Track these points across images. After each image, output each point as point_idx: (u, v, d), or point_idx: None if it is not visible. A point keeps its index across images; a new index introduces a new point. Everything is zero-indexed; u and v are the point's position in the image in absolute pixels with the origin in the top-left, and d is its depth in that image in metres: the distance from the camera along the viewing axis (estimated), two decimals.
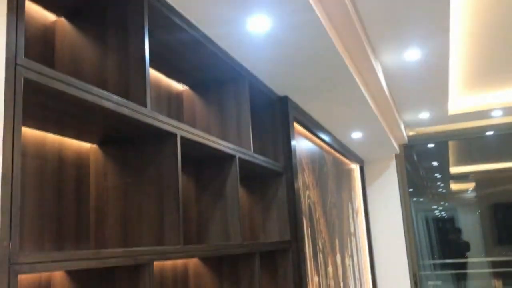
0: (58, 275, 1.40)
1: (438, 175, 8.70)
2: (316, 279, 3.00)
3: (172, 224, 1.54)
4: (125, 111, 1.32)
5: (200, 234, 2.05)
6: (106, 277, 1.37)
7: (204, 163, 2.09)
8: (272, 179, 2.64)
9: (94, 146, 1.64)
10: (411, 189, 5.86)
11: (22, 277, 1.32)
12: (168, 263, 2.00)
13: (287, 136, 2.69)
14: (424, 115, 4.32)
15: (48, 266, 1.00)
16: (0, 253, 0.89)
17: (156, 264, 1.91)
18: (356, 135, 3.90)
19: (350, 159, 4.60)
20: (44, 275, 1.39)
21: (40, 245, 1.38)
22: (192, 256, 1.62)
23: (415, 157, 6.19)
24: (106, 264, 1.17)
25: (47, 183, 1.44)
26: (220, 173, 2.06)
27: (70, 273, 1.39)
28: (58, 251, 1.08)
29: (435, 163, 7.56)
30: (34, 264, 0.96)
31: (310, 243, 3.00)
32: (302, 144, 3.16)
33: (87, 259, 1.12)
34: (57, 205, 1.47)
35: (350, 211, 4.45)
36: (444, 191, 10.13)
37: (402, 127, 4.45)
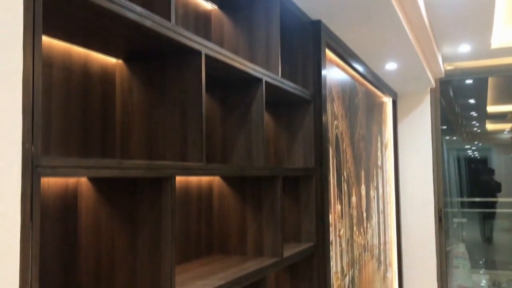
0: (84, 185, 1.45)
1: (474, 114, 8.44)
2: (338, 207, 3.03)
3: (195, 142, 1.56)
4: (148, 24, 1.29)
5: (224, 156, 2.07)
6: (129, 190, 1.41)
7: (230, 86, 2.07)
8: (299, 106, 2.61)
9: (120, 61, 1.64)
10: (444, 127, 5.74)
11: (49, 184, 1.37)
12: (193, 182, 2.05)
13: (318, 63, 2.62)
14: (465, 48, 4.12)
15: (71, 171, 1.03)
16: (23, 155, 0.92)
17: (181, 182, 1.96)
18: (391, 66, 3.78)
19: (383, 92, 4.49)
20: (71, 184, 1.44)
21: (66, 155, 1.43)
22: (214, 174, 1.64)
23: (451, 93, 5.99)
24: (128, 174, 1.20)
25: (73, 96, 1.46)
26: (246, 96, 2.04)
27: (95, 184, 1.44)
28: (82, 158, 1.11)
29: (472, 101, 7.31)
30: (57, 168, 0.99)
31: (335, 172, 3.01)
32: (334, 72, 3.08)
33: (110, 168, 1.15)
34: (83, 118, 1.49)
35: (379, 144, 4.41)
36: (479, 130, 9.88)
37: (440, 60, 4.27)
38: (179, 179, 1.94)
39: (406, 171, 4.96)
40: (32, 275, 0.93)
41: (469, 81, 5.65)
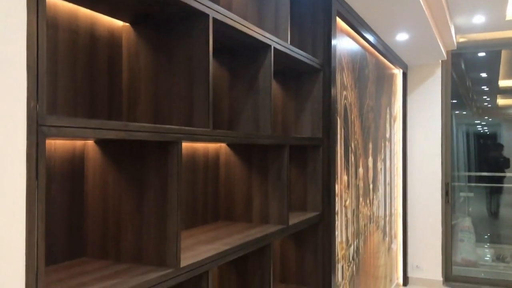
0: (91, 148, 1.45)
1: (485, 88, 8.31)
2: (345, 178, 3.03)
3: (201, 108, 1.55)
4: None
5: (231, 124, 2.06)
6: (136, 154, 1.41)
7: (238, 53, 2.04)
8: (308, 75, 2.58)
9: (127, 25, 1.62)
10: (454, 100, 5.67)
11: (56, 146, 1.37)
12: (200, 149, 2.05)
13: (328, 31, 2.57)
14: (479, 19, 4.02)
15: (77, 131, 1.02)
16: (28, 114, 0.91)
17: (188, 149, 1.96)
18: (402, 36, 3.71)
19: (393, 63, 4.42)
20: (77, 147, 1.44)
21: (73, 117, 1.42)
22: (220, 141, 1.63)
23: (462, 66, 5.89)
24: (134, 137, 1.20)
25: (80, 59, 1.45)
26: (254, 64, 2.02)
27: (102, 147, 1.44)
28: (88, 119, 1.10)
29: (483, 74, 7.19)
30: (62, 128, 0.98)
31: (343, 143, 2.99)
32: (344, 42, 3.03)
33: (116, 129, 1.14)
34: (90, 82, 1.48)
35: (388, 116, 4.37)
36: (489, 105, 9.76)
37: (453, 31, 4.19)
38: (186, 146, 1.94)
39: (414, 144, 4.94)
40: (39, 234, 0.94)
41: (481, 54, 5.54)
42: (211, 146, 2.14)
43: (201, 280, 1.50)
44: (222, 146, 2.21)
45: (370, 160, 3.71)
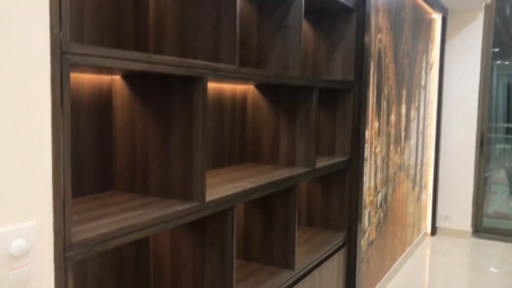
0: (118, 84, 1.46)
1: None
2: (376, 124, 2.98)
3: (228, 45, 1.52)
4: None
5: (259, 64, 2.03)
6: (162, 89, 1.40)
7: None
8: (341, 16, 2.49)
9: None
10: (496, 49, 5.41)
11: (84, 81, 1.38)
12: (227, 90, 2.03)
13: None
14: None
15: (100, 60, 1.02)
16: (52, 41, 0.91)
17: (215, 89, 1.94)
18: None
19: (432, 7, 4.21)
20: (105, 83, 1.45)
21: None
22: (247, 79, 1.61)
23: (508, 11, 5.57)
24: (158, 70, 1.19)
25: None
26: (284, 1, 1.95)
27: (129, 83, 1.44)
28: (112, 49, 1.09)
29: None
30: (85, 56, 0.98)
31: (375, 88, 2.92)
32: None
33: (140, 61, 1.13)
34: (116, 16, 1.47)
35: (424, 63, 4.22)
36: None
37: None
38: (212, 86, 1.93)
39: (451, 94, 4.78)
40: (65, 161, 0.95)
41: None
42: (239, 88, 2.12)
43: (226, 216, 1.52)
44: (249, 88, 2.18)
45: (403, 107, 3.63)
